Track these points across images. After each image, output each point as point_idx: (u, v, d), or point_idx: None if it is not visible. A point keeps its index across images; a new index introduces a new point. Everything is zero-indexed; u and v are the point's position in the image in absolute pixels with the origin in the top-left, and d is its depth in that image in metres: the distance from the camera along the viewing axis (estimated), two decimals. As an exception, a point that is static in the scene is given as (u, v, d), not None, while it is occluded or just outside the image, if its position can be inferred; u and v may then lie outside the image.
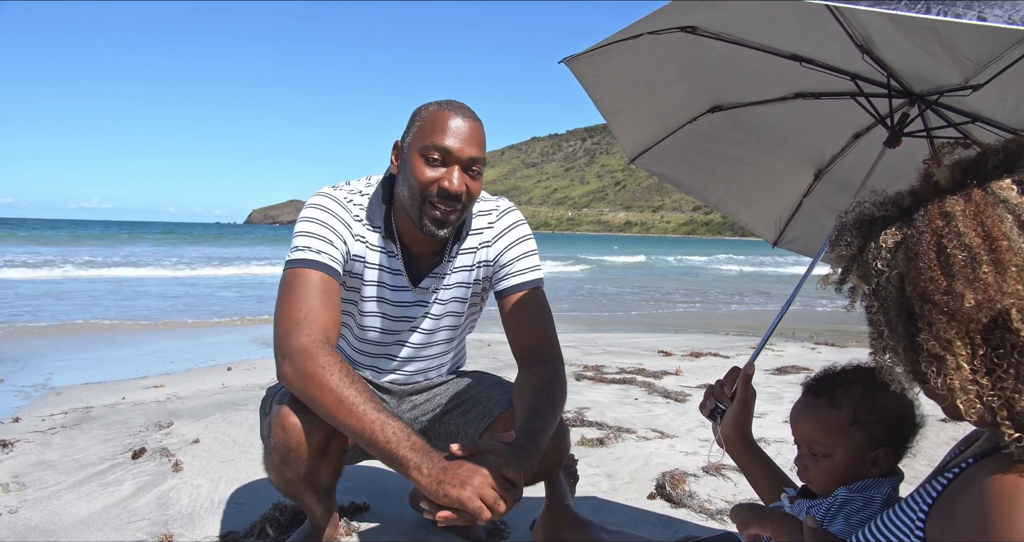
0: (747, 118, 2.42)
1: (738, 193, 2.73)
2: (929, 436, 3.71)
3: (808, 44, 1.97)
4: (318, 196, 1.73)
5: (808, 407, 1.26)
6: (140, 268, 16.78)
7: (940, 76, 1.86)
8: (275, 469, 1.67)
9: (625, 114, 2.39)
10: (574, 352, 6.06)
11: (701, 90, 2.36)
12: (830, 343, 7.21)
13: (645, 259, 34.52)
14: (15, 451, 2.88)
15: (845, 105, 2.17)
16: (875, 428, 1.19)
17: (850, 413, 1.20)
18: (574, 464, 1.88)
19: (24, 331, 6.78)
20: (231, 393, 4.11)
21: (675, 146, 2.55)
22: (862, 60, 1.89)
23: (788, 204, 2.72)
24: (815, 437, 1.23)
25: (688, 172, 2.71)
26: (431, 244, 1.76)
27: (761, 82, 2.24)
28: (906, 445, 1.21)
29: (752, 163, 2.62)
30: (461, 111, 1.63)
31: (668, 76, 2.26)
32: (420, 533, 2.17)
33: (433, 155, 1.58)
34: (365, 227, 1.72)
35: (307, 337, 1.49)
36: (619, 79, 2.19)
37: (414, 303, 1.81)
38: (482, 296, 1.92)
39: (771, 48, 2.01)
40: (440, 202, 1.60)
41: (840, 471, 1.20)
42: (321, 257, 1.61)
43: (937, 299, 0.79)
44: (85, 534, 2.10)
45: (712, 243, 75.78)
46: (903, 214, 0.87)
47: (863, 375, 1.24)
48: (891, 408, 1.19)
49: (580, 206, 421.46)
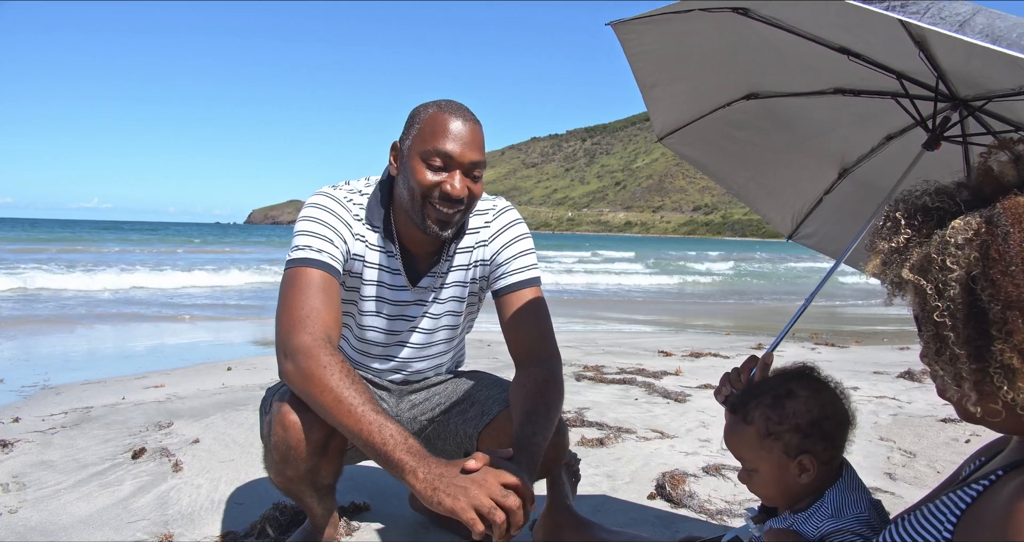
0: (781, 109, 2.41)
1: (762, 183, 2.73)
2: (929, 437, 3.71)
3: (859, 38, 1.94)
4: (318, 196, 1.72)
5: (729, 425, 1.28)
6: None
7: (994, 81, 1.83)
8: (275, 468, 1.67)
9: (662, 89, 2.37)
10: (574, 352, 6.06)
11: (741, 75, 2.33)
12: (830, 343, 7.21)
13: (733, 265, 30.35)
14: (15, 451, 2.88)
15: (884, 105, 2.14)
16: (789, 437, 1.18)
17: (760, 427, 1.21)
18: (576, 463, 1.88)
19: (24, 331, 6.78)
20: (231, 393, 4.11)
21: (705, 129, 2.54)
22: (911, 59, 1.85)
23: (809, 199, 2.71)
24: (740, 454, 1.26)
25: (715, 156, 2.70)
26: (430, 244, 1.76)
27: (803, 73, 2.21)
28: (833, 446, 1.20)
29: (779, 154, 2.61)
30: (461, 114, 1.62)
31: (711, 56, 2.23)
32: (420, 533, 2.17)
33: (434, 161, 1.58)
34: (365, 226, 1.72)
35: (309, 335, 1.49)
36: (662, 52, 2.16)
37: (413, 302, 1.81)
38: (479, 295, 1.92)
39: (821, 38, 1.97)
40: (442, 205, 1.60)
41: (771, 483, 1.22)
42: (322, 256, 1.61)
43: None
44: (85, 534, 2.10)
45: (713, 243, 75.77)
46: (966, 207, 0.80)
47: (773, 385, 1.24)
48: (802, 413, 1.19)
49: (580, 206, 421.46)
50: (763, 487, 1.24)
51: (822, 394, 1.22)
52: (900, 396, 4.37)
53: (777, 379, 1.26)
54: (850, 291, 14.33)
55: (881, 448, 3.19)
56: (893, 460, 3.00)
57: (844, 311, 11.64)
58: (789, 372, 1.27)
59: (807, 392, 1.21)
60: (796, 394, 1.21)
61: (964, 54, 1.78)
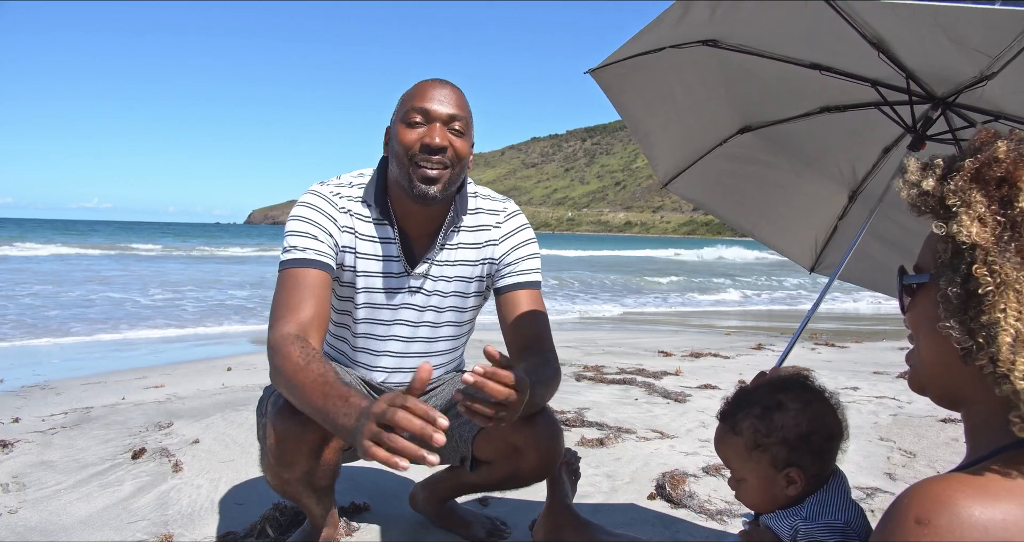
0: (777, 137, 2.42)
1: (773, 218, 2.71)
2: (929, 437, 3.72)
3: (825, 51, 1.97)
4: (304, 195, 1.76)
5: (719, 434, 1.28)
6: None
7: (957, 73, 1.85)
8: (272, 470, 1.67)
9: (655, 135, 2.39)
10: (574, 352, 6.06)
11: (729, 109, 2.35)
12: (830, 343, 7.21)
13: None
14: (15, 451, 2.88)
15: (871, 117, 2.15)
16: (776, 449, 1.18)
17: (749, 438, 1.20)
18: (576, 462, 1.88)
19: (24, 330, 6.78)
20: (231, 393, 4.11)
21: (707, 170, 2.55)
22: (881, 64, 1.88)
23: (824, 228, 2.69)
24: (728, 463, 1.26)
25: (721, 197, 2.70)
26: (428, 222, 1.76)
27: (787, 97, 2.23)
28: (822, 459, 1.19)
29: (785, 186, 2.60)
30: (440, 80, 1.69)
31: (695, 93, 2.25)
32: (420, 533, 2.17)
33: (414, 118, 1.63)
34: (355, 218, 1.74)
35: (287, 327, 1.53)
36: (646, 95, 2.19)
37: (409, 289, 1.81)
38: (484, 294, 1.92)
39: (790, 58, 2.00)
40: (424, 159, 1.62)
41: (758, 493, 1.22)
42: (307, 254, 1.64)
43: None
44: (85, 534, 2.10)
45: (714, 243, 75.76)
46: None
47: (763, 395, 1.23)
48: (790, 427, 1.18)
49: (580, 206, 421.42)
50: (750, 496, 1.24)
51: (812, 406, 1.20)
52: (900, 396, 4.37)
53: (768, 389, 1.25)
54: (850, 290, 14.34)
55: (881, 448, 3.19)
56: (893, 460, 3.00)
57: (844, 311, 11.63)
58: (781, 381, 1.26)
59: (797, 405, 1.20)
60: (785, 407, 1.20)
61: (922, 49, 1.79)
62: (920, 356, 0.86)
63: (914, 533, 0.65)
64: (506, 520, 2.23)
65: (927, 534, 0.64)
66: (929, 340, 0.83)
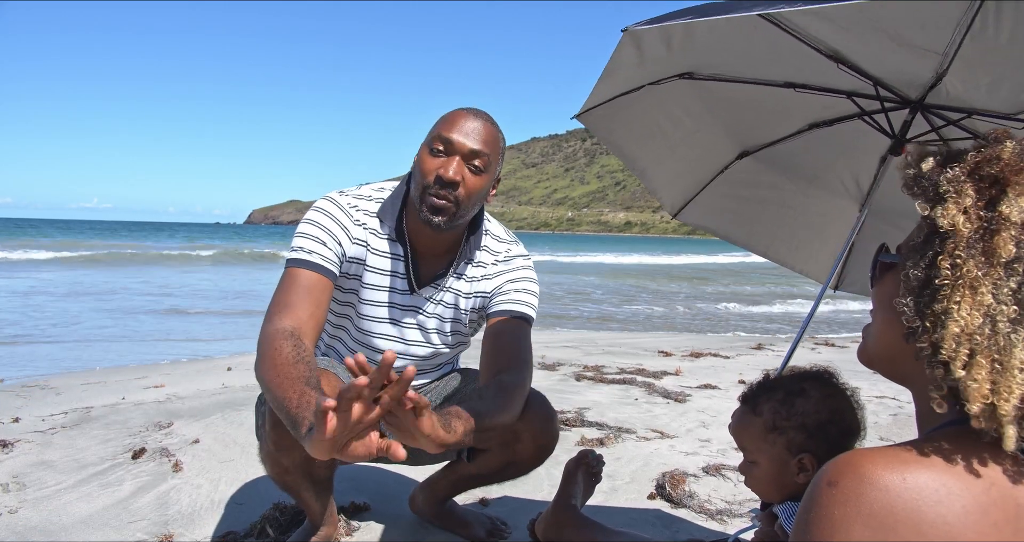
0: (776, 158, 2.42)
1: (785, 238, 2.70)
2: (929, 436, 3.64)
3: (793, 69, 1.99)
4: (321, 200, 1.76)
5: (737, 415, 1.30)
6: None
7: (918, 75, 1.86)
8: (271, 459, 1.68)
9: (653, 170, 2.39)
10: (574, 352, 6.05)
11: (723, 136, 2.35)
12: (830, 343, 7.21)
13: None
14: (15, 451, 2.87)
15: (859, 128, 2.16)
16: (793, 433, 1.20)
17: (768, 419, 1.22)
18: (598, 464, 1.87)
19: (24, 331, 6.78)
20: (231, 393, 4.10)
21: (713, 197, 2.55)
22: (849, 76, 1.89)
23: (840, 244, 2.67)
24: (743, 444, 1.27)
25: (732, 222, 2.69)
26: (438, 246, 1.77)
27: (773, 119, 2.24)
28: (835, 453, 1.20)
29: (792, 205, 2.59)
30: (475, 111, 1.66)
31: (684, 126, 2.26)
32: (420, 533, 2.17)
33: (437, 146, 1.62)
34: (368, 231, 1.74)
35: (284, 322, 1.53)
36: (635, 133, 2.20)
37: (411, 308, 1.81)
38: (473, 327, 1.90)
39: (764, 80, 2.02)
40: (436, 191, 1.62)
41: (768, 477, 1.23)
42: (312, 257, 1.64)
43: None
44: (85, 534, 2.10)
45: (713, 243, 75.56)
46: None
47: (787, 382, 1.26)
48: (810, 414, 1.20)
49: (580, 206, 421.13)
50: (760, 481, 1.24)
51: (834, 399, 1.23)
52: (900, 396, 4.37)
53: (794, 377, 1.27)
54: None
55: (881, 448, 3.19)
56: (893, 460, 3.00)
57: (844, 310, 11.64)
58: (807, 372, 1.28)
59: (819, 394, 1.23)
60: (808, 394, 1.22)
61: (877, 56, 1.80)
62: (872, 330, 0.89)
63: (825, 495, 0.71)
64: (506, 520, 2.23)
65: (834, 494, 0.70)
66: (883, 316, 0.86)
